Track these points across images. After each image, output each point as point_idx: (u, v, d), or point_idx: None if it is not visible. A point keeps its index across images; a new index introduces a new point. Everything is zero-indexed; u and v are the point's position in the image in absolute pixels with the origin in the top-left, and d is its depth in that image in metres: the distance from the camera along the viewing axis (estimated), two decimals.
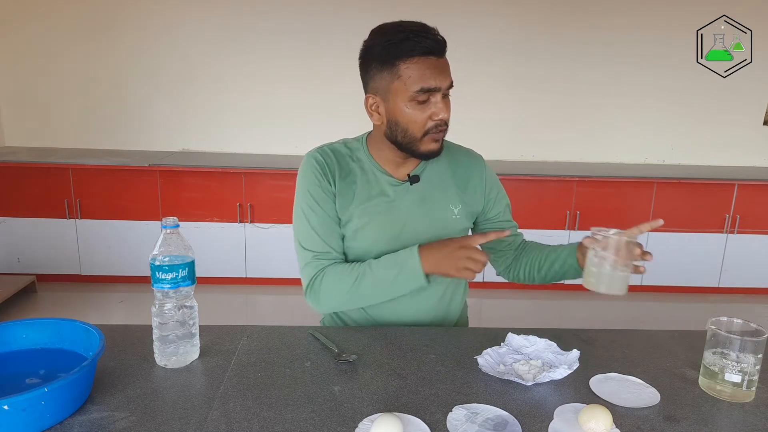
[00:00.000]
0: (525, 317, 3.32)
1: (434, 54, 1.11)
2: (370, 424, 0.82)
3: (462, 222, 1.29)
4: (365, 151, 1.26)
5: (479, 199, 1.31)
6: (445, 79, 1.12)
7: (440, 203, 1.26)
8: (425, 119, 1.13)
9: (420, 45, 1.09)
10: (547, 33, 3.65)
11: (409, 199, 1.24)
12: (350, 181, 1.23)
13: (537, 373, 0.98)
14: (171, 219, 0.97)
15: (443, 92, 1.13)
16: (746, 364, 0.92)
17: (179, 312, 0.99)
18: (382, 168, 1.25)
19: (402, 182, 1.25)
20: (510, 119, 3.79)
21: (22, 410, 0.75)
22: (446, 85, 1.13)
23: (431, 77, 1.10)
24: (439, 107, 1.13)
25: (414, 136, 1.15)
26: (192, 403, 0.88)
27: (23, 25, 3.53)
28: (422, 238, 1.23)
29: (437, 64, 1.11)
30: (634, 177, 3.40)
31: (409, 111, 1.13)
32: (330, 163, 1.23)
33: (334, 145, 1.27)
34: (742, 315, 1.00)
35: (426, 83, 1.10)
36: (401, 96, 1.12)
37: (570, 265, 1.22)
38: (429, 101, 1.13)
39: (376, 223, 1.22)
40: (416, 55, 1.10)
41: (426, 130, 1.14)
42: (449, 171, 1.29)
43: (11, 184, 3.29)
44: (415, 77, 1.10)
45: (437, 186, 1.27)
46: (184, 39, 3.59)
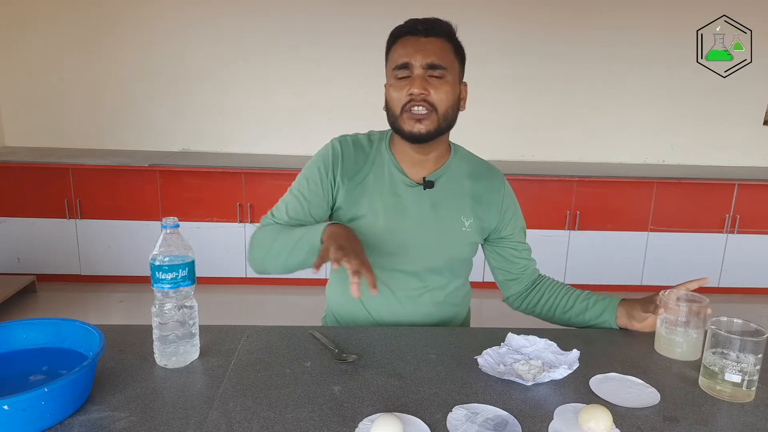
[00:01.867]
0: (525, 317, 3.30)
1: (418, 34, 1.13)
2: (370, 424, 0.82)
3: (472, 236, 1.26)
4: (386, 146, 1.26)
5: (494, 215, 1.28)
6: (422, 56, 1.12)
7: (451, 213, 1.24)
8: (403, 96, 1.14)
9: (407, 26, 1.14)
10: (547, 33, 3.65)
11: (420, 204, 1.23)
12: (363, 174, 1.23)
13: (537, 373, 0.98)
14: (171, 219, 0.97)
15: (421, 68, 1.12)
16: (746, 364, 0.92)
17: (179, 312, 0.99)
18: (400, 166, 1.24)
19: (416, 185, 1.23)
20: (510, 119, 3.79)
21: (22, 410, 0.75)
22: (421, 62, 1.12)
23: (407, 54, 1.13)
24: (412, 82, 1.13)
25: (395, 113, 1.17)
26: (192, 403, 0.88)
27: (23, 26, 3.53)
28: (427, 244, 1.23)
29: (419, 43, 1.13)
30: (634, 177, 3.40)
31: (391, 89, 1.17)
32: (346, 155, 1.23)
33: (358, 136, 1.28)
34: (742, 315, 1.00)
35: (400, 59, 1.13)
36: (388, 76, 1.18)
37: (605, 320, 1.22)
38: (408, 78, 1.14)
39: (383, 222, 1.22)
40: (402, 35, 1.15)
41: (402, 106, 1.15)
42: (467, 182, 1.27)
43: (11, 184, 3.29)
44: (396, 55, 1.15)
45: (451, 195, 1.25)
46: (185, 39, 3.60)
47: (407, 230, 1.23)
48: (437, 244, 1.24)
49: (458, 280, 1.32)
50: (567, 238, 3.47)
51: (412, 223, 1.22)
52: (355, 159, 1.24)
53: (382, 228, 1.22)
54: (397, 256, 1.24)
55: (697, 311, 1.07)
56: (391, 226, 1.22)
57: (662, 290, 1.12)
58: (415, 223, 1.23)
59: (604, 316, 1.22)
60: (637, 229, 3.48)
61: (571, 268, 3.52)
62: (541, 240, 3.45)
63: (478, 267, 1.39)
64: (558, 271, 3.53)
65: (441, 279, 1.28)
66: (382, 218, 1.22)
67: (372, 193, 1.22)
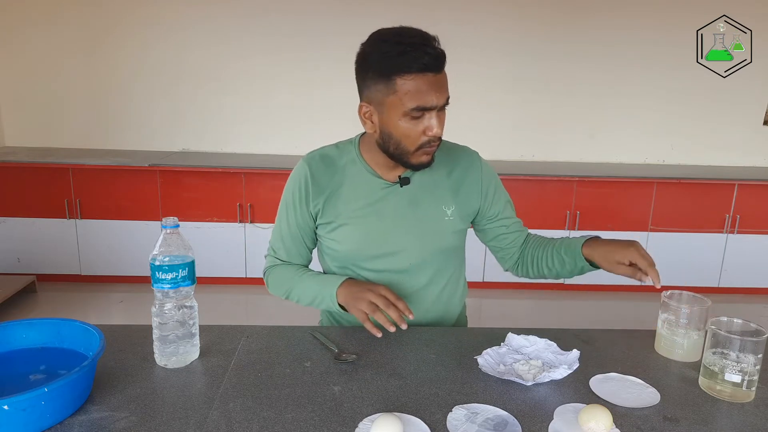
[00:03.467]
0: (525, 317, 3.32)
1: (432, 70, 1.06)
2: (370, 424, 0.82)
3: (456, 223, 1.27)
4: (357, 153, 1.25)
5: (475, 198, 1.28)
6: (441, 96, 1.09)
7: (431, 205, 1.24)
8: (419, 134, 1.10)
9: (418, 61, 1.05)
10: (546, 33, 3.65)
11: (397, 201, 1.23)
12: (337, 184, 1.23)
13: (537, 373, 0.98)
14: (171, 219, 0.97)
15: (439, 107, 1.10)
16: (746, 364, 0.92)
17: (179, 312, 0.99)
18: (373, 170, 1.24)
19: (392, 184, 1.23)
20: (510, 119, 3.79)
21: (22, 410, 0.75)
22: (443, 103, 1.10)
23: (428, 95, 1.07)
24: (433, 123, 1.10)
25: (406, 149, 1.13)
26: (192, 403, 0.88)
27: (24, 26, 3.53)
28: (410, 241, 1.23)
29: (434, 81, 1.07)
30: (634, 177, 3.40)
31: (403, 126, 1.10)
32: (317, 174, 1.24)
33: (326, 149, 1.28)
34: (742, 315, 1.00)
35: (422, 101, 1.07)
36: (396, 111, 1.09)
37: (581, 267, 1.23)
38: (423, 116, 1.10)
39: (362, 227, 1.22)
40: (413, 71, 1.05)
41: (419, 145, 1.12)
42: (444, 171, 1.27)
43: (11, 184, 3.29)
44: (411, 94, 1.06)
45: (429, 187, 1.25)
46: (185, 39, 3.59)
47: (388, 231, 1.23)
48: (421, 240, 1.24)
49: (450, 269, 1.32)
50: None
51: (392, 223, 1.23)
52: (326, 173, 1.24)
53: (364, 233, 1.23)
54: (384, 258, 1.25)
55: (698, 312, 1.07)
56: (372, 229, 1.23)
57: (663, 291, 1.12)
58: (396, 222, 1.23)
59: (578, 263, 1.22)
60: (637, 229, 3.48)
61: None
62: None
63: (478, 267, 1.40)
64: None
65: (433, 273, 1.28)
66: (361, 223, 1.22)
67: (348, 201, 1.23)
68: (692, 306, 1.08)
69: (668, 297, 1.11)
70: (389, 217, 1.23)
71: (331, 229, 1.25)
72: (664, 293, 1.12)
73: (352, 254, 1.25)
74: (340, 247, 1.25)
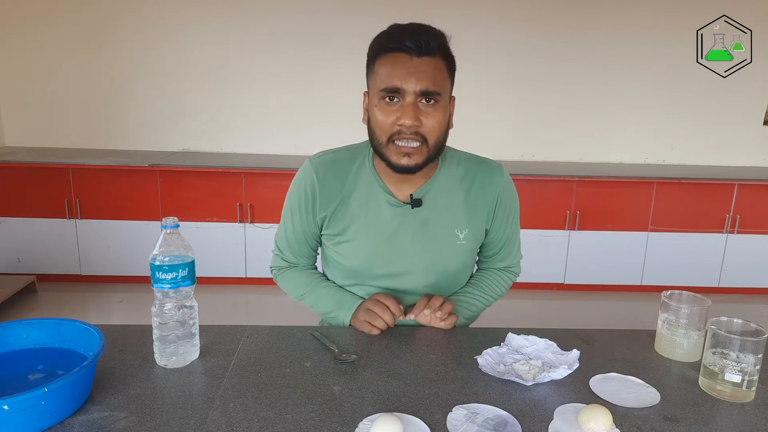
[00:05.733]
0: (525, 317, 3.31)
1: (409, 52, 1.00)
2: (370, 424, 0.82)
3: (468, 246, 1.22)
4: (369, 161, 1.18)
5: (484, 218, 1.21)
6: (418, 82, 1.00)
7: (444, 229, 1.18)
8: (391, 123, 1.04)
9: (396, 40, 1.01)
10: (547, 33, 3.65)
11: (408, 224, 1.17)
12: (346, 193, 1.17)
13: (537, 373, 0.98)
14: (171, 219, 0.97)
15: (413, 95, 1.02)
16: (746, 364, 0.92)
17: (179, 312, 0.99)
18: (384, 184, 1.17)
19: (403, 204, 1.16)
20: (510, 119, 3.79)
21: (22, 410, 0.75)
22: (414, 88, 1.01)
23: (398, 77, 1.00)
24: (404, 111, 1.02)
25: (380, 140, 1.07)
26: (192, 403, 0.88)
27: (24, 26, 3.53)
28: (419, 263, 1.20)
29: (411, 64, 1.00)
30: (634, 177, 3.40)
31: (377, 113, 1.05)
32: (325, 181, 1.17)
33: (339, 153, 1.21)
34: (742, 315, 1.00)
35: (392, 83, 1.01)
36: (374, 93, 1.06)
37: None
38: (396, 103, 1.03)
39: (369, 246, 1.18)
40: (390, 51, 1.02)
41: (390, 135, 1.05)
42: (461, 190, 1.19)
43: (11, 184, 3.29)
44: (383, 74, 1.02)
45: (443, 209, 1.18)
46: (185, 39, 3.59)
47: (396, 253, 1.18)
48: (431, 264, 1.20)
49: (458, 286, 1.30)
50: (567, 238, 3.47)
51: (401, 246, 1.18)
52: (336, 180, 1.17)
53: (371, 252, 1.19)
54: (392, 278, 1.22)
55: (698, 312, 1.07)
56: (379, 249, 1.18)
57: (663, 291, 1.12)
58: (405, 245, 1.18)
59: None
60: (637, 229, 3.48)
61: (571, 268, 3.52)
62: (541, 240, 3.45)
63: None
64: (558, 271, 3.53)
65: (441, 290, 1.25)
66: (369, 243, 1.18)
67: (356, 215, 1.17)
68: (692, 306, 1.08)
69: (668, 297, 1.10)
70: (398, 238, 1.18)
71: (337, 242, 1.21)
72: (664, 293, 1.11)
73: (356, 271, 1.22)
74: (346, 263, 1.22)
